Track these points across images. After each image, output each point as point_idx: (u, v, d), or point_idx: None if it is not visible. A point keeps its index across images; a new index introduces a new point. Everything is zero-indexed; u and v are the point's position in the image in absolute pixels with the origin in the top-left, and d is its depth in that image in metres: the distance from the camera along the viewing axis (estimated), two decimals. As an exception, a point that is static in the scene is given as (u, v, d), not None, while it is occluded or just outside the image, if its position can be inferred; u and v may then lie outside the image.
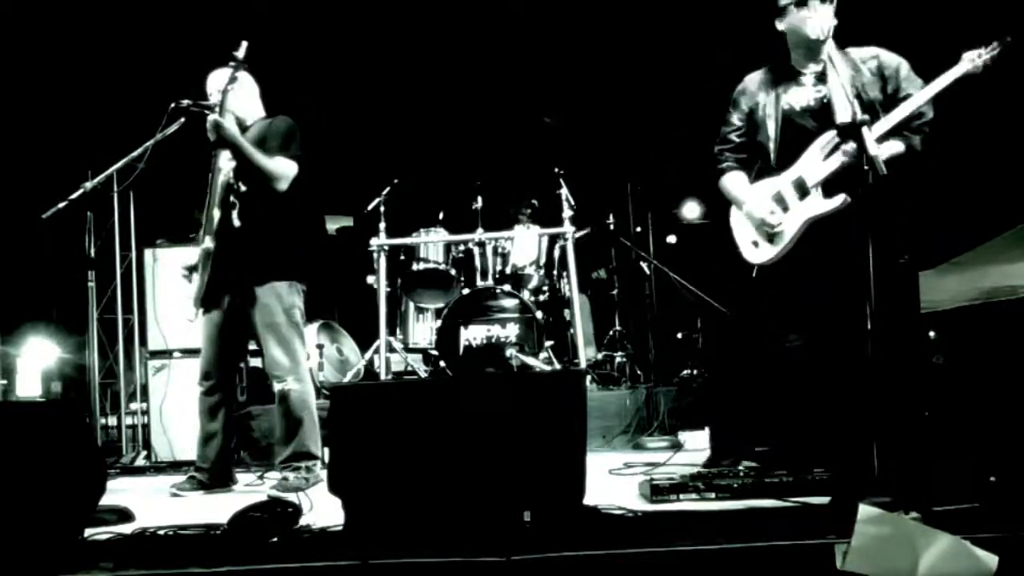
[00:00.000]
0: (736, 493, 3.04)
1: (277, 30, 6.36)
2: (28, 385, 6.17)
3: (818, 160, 3.35)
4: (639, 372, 6.17)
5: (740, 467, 3.50)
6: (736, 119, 3.57)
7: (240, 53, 3.84)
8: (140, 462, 5.27)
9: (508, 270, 6.03)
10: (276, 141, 3.90)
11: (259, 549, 2.50)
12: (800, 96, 3.44)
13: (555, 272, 6.21)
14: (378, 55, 6.91)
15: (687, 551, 2.28)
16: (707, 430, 4.47)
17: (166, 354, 5.27)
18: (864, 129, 2.81)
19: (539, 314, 5.73)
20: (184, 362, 5.13)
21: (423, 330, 6.44)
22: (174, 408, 5.15)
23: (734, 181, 3.57)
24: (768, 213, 3.40)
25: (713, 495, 3.05)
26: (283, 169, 3.87)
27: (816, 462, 3.14)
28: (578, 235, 6.02)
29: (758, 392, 3.72)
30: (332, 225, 7.70)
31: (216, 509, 3.10)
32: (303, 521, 2.73)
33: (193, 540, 2.64)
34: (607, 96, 6.81)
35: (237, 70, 3.85)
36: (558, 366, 5.71)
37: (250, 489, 4.05)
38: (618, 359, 6.40)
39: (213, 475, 4.05)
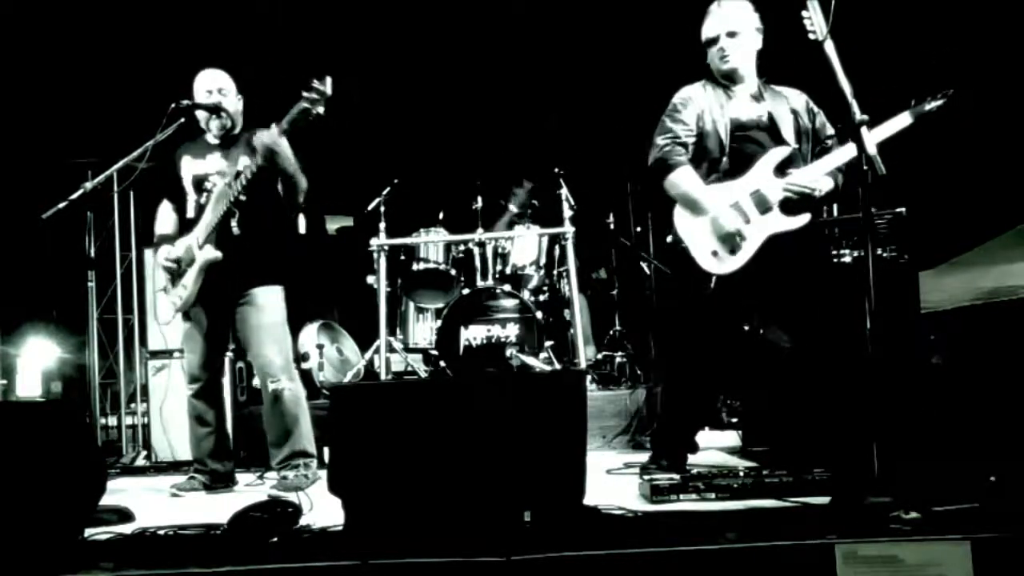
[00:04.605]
0: (736, 493, 3.04)
1: (277, 30, 6.36)
2: (28, 385, 6.17)
3: (770, 175, 3.46)
4: (639, 372, 6.16)
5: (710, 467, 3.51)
6: (688, 119, 3.58)
7: (327, 88, 3.74)
8: (140, 462, 5.28)
9: (508, 270, 6.03)
10: (288, 157, 3.91)
11: (259, 549, 2.49)
12: (744, 109, 3.56)
13: (555, 272, 6.21)
14: (378, 55, 6.90)
15: (687, 551, 2.28)
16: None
17: (166, 354, 5.27)
18: (863, 129, 2.82)
19: (539, 314, 5.73)
20: (184, 362, 5.13)
21: (423, 330, 6.43)
22: (174, 408, 5.14)
23: (690, 179, 3.53)
24: (743, 223, 3.45)
25: (713, 495, 3.05)
26: (305, 184, 3.96)
27: (816, 462, 3.14)
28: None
29: (712, 392, 3.79)
30: (332, 225, 7.70)
31: (216, 509, 3.11)
32: (303, 521, 2.73)
33: (193, 540, 2.64)
34: (607, 96, 6.80)
35: (320, 104, 3.75)
36: (558, 366, 5.71)
37: (250, 489, 4.05)
38: (618, 359, 6.40)
39: (213, 475, 4.06)
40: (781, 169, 3.47)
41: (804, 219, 3.44)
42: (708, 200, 3.48)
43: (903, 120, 3.31)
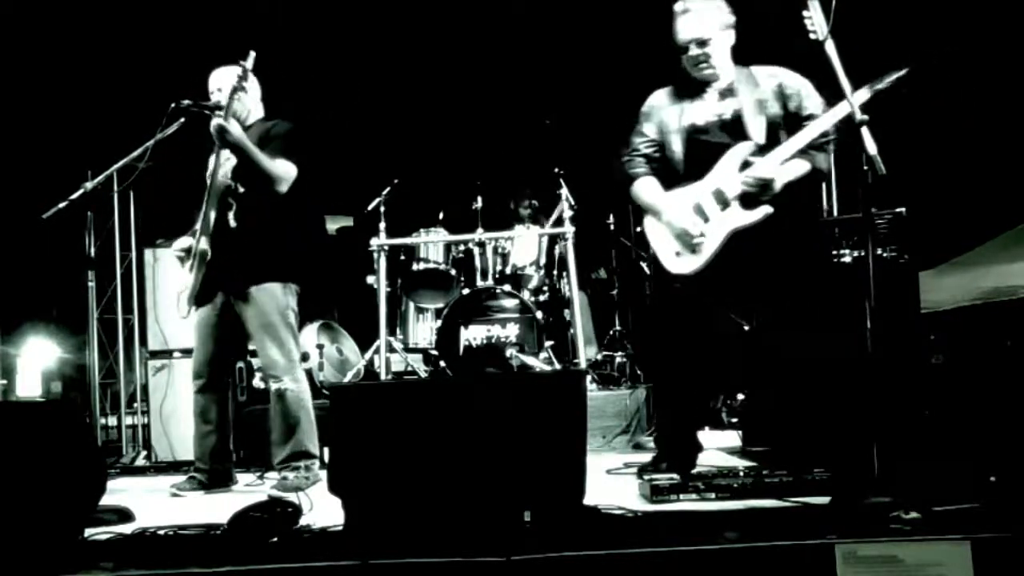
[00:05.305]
0: (736, 493, 3.04)
1: (277, 30, 6.36)
2: (28, 385, 6.16)
3: (733, 172, 3.44)
4: (639, 372, 6.16)
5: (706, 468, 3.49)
6: (648, 130, 3.64)
7: (248, 63, 3.84)
8: (140, 462, 5.28)
9: (508, 270, 6.03)
10: (277, 144, 3.91)
11: (259, 549, 2.49)
12: (703, 112, 3.55)
13: (555, 272, 6.21)
14: (378, 55, 6.91)
15: (687, 551, 2.28)
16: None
17: (166, 354, 5.27)
18: (863, 129, 2.82)
19: (539, 314, 5.73)
20: (184, 362, 5.13)
21: (423, 330, 6.44)
22: (174, 408, 5.15)
23: (648, 188, 3.60)
24: (691, 224, 3.46)
25: (713, 495, 3.05)
26: (284, 172, 3.88)
27: (816, 462, 3.14)
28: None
29: (698, 390, 3.75)
30: (332, 225, 7.70)
31: (216, 509, 3.10)
32: (303, 521, 2.73)
33: (193, 540, 2.64)
34: (607, 96, 6.80)
35: (244, 79, 3.85)
36: (558, 366, 5.71)
37: (250, 489, 4.05)
38: (618, 359, 6.40)
39: (213, 475, 4.05)
40: (748, 164, 3.45)
41: (762, 211, 3.40)
42: (664, 206, 3.53)
43: (861, 96, 3.20)
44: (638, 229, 6.34)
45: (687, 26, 3.52)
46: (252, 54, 3.84)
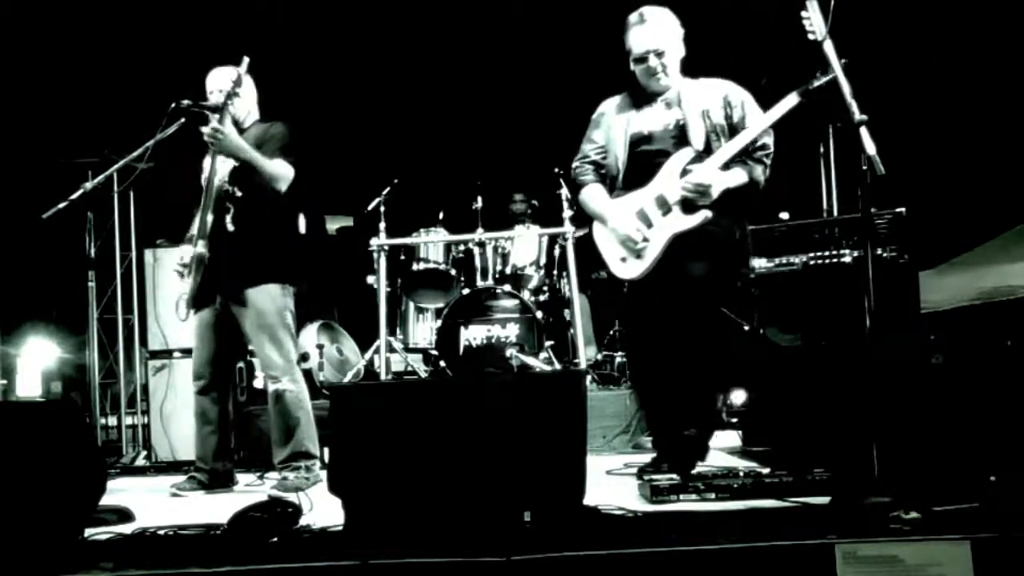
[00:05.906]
0: (736, 493, 3.04)
1: (277, 30, 6.37)
2: (28, 385, 6.17)
3: (675, 178, 3.51)
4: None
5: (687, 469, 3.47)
6: (597, 137, 3.73)
7: (242, 68, 3.86)
8: (140, 462, 5.28)
9: (508, 270, 6.03)
10: (274, 145, 3.92)
11: (259, 549, 2.49)
12: (649, 121, 3.62)
13: (555, 272, 6.21)
14: (378, 55, 6.91)
15: (687, 551, 2.28)
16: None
17: (166, 354, 5.27)
18: (862, 129, 2.82)
19: (539, 314, 5.73)
20: (184, 362, 5.13)
21: (423, 330, 6.44)
22: (174, 408, 5.15)
23: (595, 195, 3.68)
24: (634, 230, 3.53)
25: (713, 495, 3.05)
26: (283, 172, 3.89)
27: (816, 462, 3.15)
28: (578, 234, 6.01)
29: (669, 396, 3.74)
30: (332, 225, 7.70)
31: (216, 509, 3.10)
32: (303, 521, 2.73)
33: (193, 540, 2.64)
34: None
35: (238, 84, 3.86)
36: (558, 366, 5.71)
37: (250, 489, 4.05)
38: (618, 359, 6.40)
39: (213, 475, 4.05)
40: (688, 171, 3.52)
41: (701, 216, 3.48)
42: (609, 212, 3.61)
43: (791, 100, 3.33)
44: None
45: (645, 37, 3.58)
46: (246, 59, 3.86)
